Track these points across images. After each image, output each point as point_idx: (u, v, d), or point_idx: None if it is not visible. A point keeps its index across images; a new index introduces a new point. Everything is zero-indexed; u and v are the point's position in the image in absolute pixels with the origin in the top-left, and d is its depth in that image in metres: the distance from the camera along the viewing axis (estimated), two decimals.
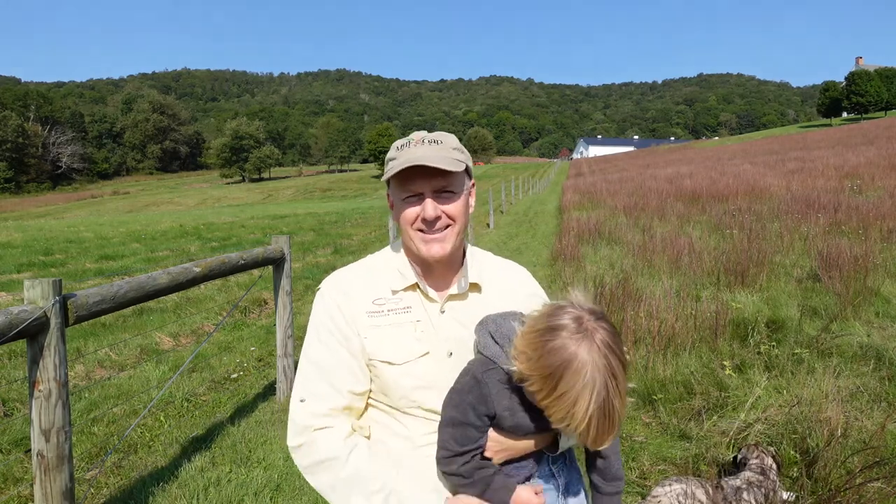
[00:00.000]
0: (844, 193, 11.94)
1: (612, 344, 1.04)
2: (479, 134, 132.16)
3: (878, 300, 5.30)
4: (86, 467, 3.35)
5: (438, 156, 1.18)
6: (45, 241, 15.71)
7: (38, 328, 2.12)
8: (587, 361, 1.01)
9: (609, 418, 1.02)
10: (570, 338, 1.03)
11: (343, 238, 15.31)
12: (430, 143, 1.21)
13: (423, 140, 1.23)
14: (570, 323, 1.04)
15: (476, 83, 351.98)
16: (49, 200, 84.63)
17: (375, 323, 1.24)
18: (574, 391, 1.00)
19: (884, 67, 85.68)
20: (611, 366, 1.02)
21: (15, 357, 5.39)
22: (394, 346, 1.22)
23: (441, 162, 1.17)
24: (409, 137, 1.25)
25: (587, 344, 1.02)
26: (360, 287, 1.28)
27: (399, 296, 1.27)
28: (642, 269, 7.27)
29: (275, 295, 4.37)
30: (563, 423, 1.03)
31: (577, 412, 1.00)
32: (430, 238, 1.22)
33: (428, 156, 1.18)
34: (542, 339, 1.04)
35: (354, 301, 1.26)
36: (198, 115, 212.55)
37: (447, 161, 1.18)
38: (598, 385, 1.00)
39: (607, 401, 1.01)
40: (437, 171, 1.18)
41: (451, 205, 1.22)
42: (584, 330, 1.04)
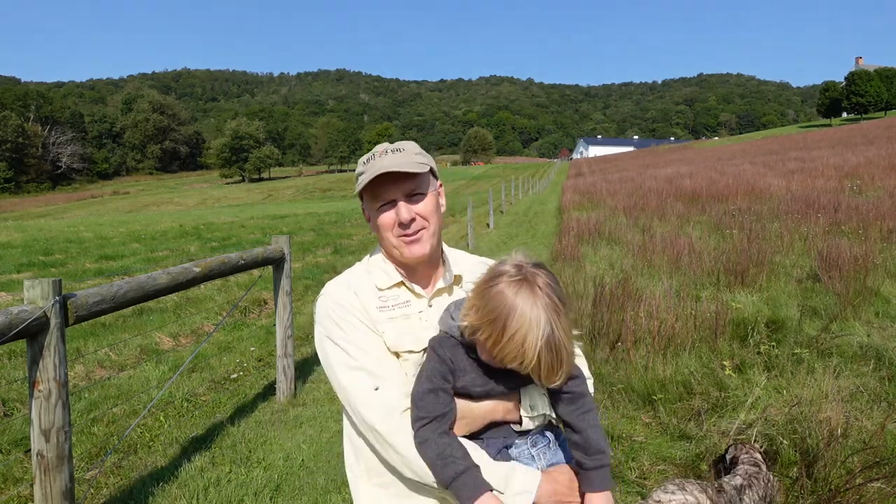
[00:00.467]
0: (844, 193, 11.94)
1: (552, 284, 1.13)
2: (479, 134, 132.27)
3: (878, 300, 5.30)
4: (86, 467, 3.35)
5: (402, 161, 1.27)
6: (44, 242, 15.71)
7: (38, 328, 2.12)
8: (530, 301, 1.09)
9: (556, 353, 1.09)
10: (512, 282, 1.11)
11: (343, 238, 15.31)
12: (393, 153, 1.29)
13: (386, 151, 1.31)
14: (511, 269, 1.14)
15: (476, 83, 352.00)
16: (49, 200, 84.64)
17: (387, 316, 1.30)
18: (522, 329, 1.08)
19: (883, 67, 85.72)
20: (553, 304, 1.10)
21: (15, 357, 5.39)
22: (409, 336, 1.29)
23: (406, 166, 1.25)
24: (372, 151, 1.33)
25: (528, 285, 1.11)
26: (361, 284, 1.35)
27: (393, 292, 1.33)
28: (642, 269, 7.27)
29: (275, 295, 4.37)
30: (516, 363, 1.09)
31: (527, 349, 1.07)
32: (410, 240, 1.30)
33: (394, 163, 1.26)
34: (486, 287, 1.13)
35: (363, 298, 1.32)
36: (198, 115, 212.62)
37: (411, 165, 1.27)
38: (542, 321, 1.08)
39: (553, 335, 1.08)
40: (404, 175, 1.26)
41: (422, 205, 1.31)
42: (523, 274, 1.12)
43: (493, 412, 1.22)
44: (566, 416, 1.23)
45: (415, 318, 1.31)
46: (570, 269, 7.75)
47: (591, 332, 4.71)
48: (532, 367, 1.09)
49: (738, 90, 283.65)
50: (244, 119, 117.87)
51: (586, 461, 1.21)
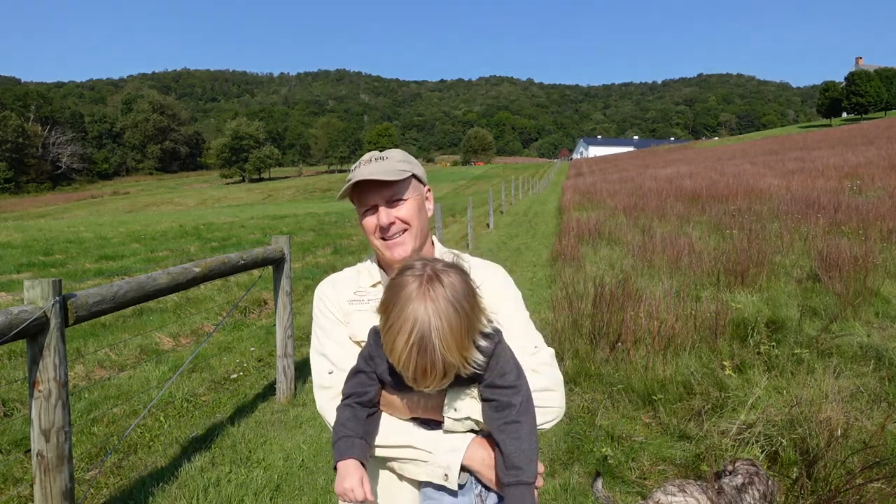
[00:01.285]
0: (844, 194, 11.94)
1: (457, 286, 1.08)
2: (479, 134, 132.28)
3: (878, 300, 5.30)
4: (86, 467, 3.35)
5: (382, 169, 1.33)
6: (44, 242, 15.71)
7: (37, 328, 2.12)
8: (413, 297, 1.06)
9: (428, 357, 1.03)
10: (410, 276, 1.09)
11: (343, 238, 15.31)
12: (377, 161, 1.36)
13: (371, 159, 1.38)
14: (417, 264, 1.12)
15: (476, 83, 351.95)
16: (49, 200, 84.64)
17: (356, 308, 1.39)
18: (398, 323, 1.05)
19: (883, 68, 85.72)
20: (440, 307, 1.04)
21: (15, 357, 5.39)
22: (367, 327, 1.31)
23: (384, 174, 1.32)
24: (360, 160, 1.41)
25: (420, 282, 1.07)
26: (343, 284, 1.46)
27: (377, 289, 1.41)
28: (642, 269, 7.27)
29: (275, 295, 4.37)
30: (390, 356, 1.08)
31: (398, 344, 1.05)
32: (391, 243, 1.38)
33: (374, 171, 1.33)
34: (393, 278, 1.12)
35: (340, 293, 1.43)
36: (198, 116, 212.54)
37: (391, 173, 1.33)
38: (419, 320, 1.04)
39: (427, 338, 1.03)
40: (384, 182, 1.34)
41: (402, 210, 1.37)
42: (424, 271, 1.09)
43: (414, 406, 1.22)
44: (489, 424, 1.17)
45: None
46: (570, 269, 7.76)
47: (592, 332, 4.71)
48: (402, 365, 1.06)
49: (738, 90, 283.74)
50: (244, 119, 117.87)
51: (502, 476, 1.15)
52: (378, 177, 1.31)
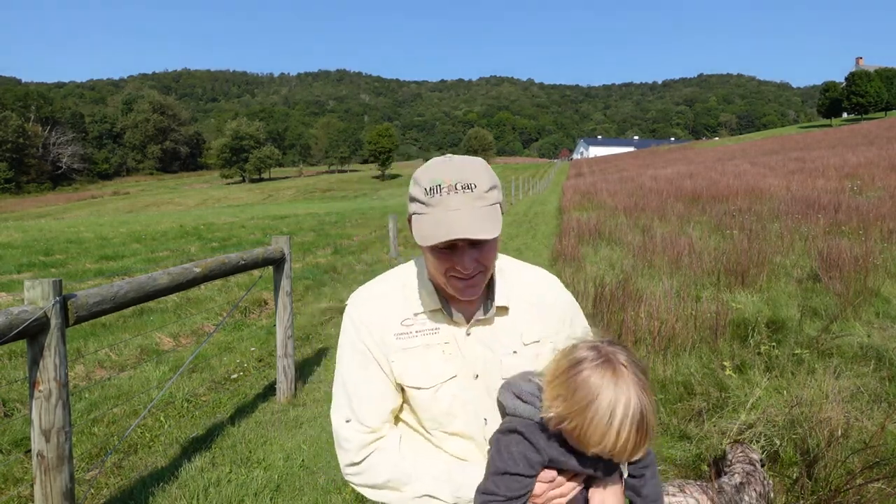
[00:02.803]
0: (845, 194, 11.93)
1: (632, 359, 1.10)
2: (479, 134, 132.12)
3: (879, 300, 5.30)
4: (86, 467, 3.35)
5: (479, 213, 1.08)
6: (45, 242, 15.72)
7: (38, 328, 2.12)
8: (617, 383, 1.06)
9: (643, 431, 1.06)
10: (594, 366, 1.08)
11: (343, 238, 15.31)
12: (464, 190, 1.08)
13: (455, 186, 1.08)
14: (590, 353, 1.10)
15: (476, 83, 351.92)
16: (49, 201, 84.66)
17: (403, 345, 1.21)
18: (604, 414, 1.05)
19: (884, 68, 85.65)
20: (638, 380, 1.07)
21: (15, 357, 5.39)
22: (422, 370, 1.21)
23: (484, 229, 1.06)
24: (436, 179, 1.09)
25: (611, 367, 1.07)
26: (388, 307, 1.23)
27: (425, 316, 1.23)
28: (642, 269, 7.27)
29: (275, 295, 4.37)
30: (601, 447, 1.06)
31: (611, 433, 1.04)
32: (465, 285, 1.15)
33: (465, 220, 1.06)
34: (569, 376, 1.09)
35: (383, 321, 1.22)
36: (198, 116, 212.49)
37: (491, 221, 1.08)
38: (632, 402, 1.05)
39: (643, 415, 1.06)
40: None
41: (488, 251, 1.14)
42: (604, 356, 1.09)
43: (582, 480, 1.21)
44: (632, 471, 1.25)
45: (437, 348, 1.21)
46: (570, 269, 7.75)
47: None
48: (619, 448, 1.05)
49: (738, 90, 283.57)
50: (244, 119, 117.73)
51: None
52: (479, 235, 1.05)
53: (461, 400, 1.21)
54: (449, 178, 1.09)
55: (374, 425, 1.22)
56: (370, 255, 11.99)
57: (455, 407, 1.21)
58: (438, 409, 1.21)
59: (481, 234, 1.06)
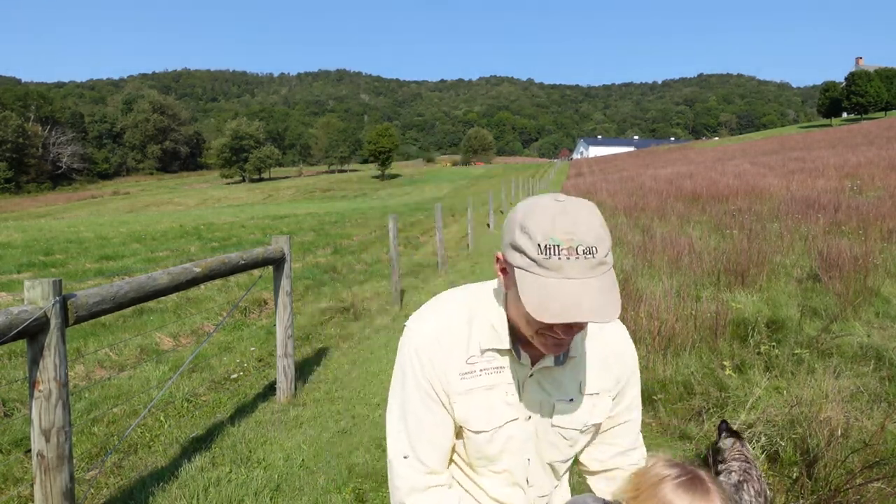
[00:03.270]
0: (844, 193, 11.94)
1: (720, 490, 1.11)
2: (479, 134, 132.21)
3: (879, 300, 5.30)
4: (86, 467, 3.35)
5: (603, 285, 0.96)
6: (45, 242, 15.71)
7: (38, 328, 2.12)
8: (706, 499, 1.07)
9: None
10: (680, 484, 1.08)
11: (343, 238, 15.31)
12: (585, 256, 0.95)
13: (576, 249, 0.95)
14: (671, 471, 1.10)
15: (476, 83, 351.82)
16: (49, 200, 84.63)
17: (467, 386, 1.15)
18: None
19: (884, 68, 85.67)
20: (722, 494, 1.09)
21: (15, 357, 5.39)
22: (484, 413, 1.17)
23: (609, 311, 0.94)
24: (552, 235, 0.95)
25: (698, 482, 1.09)
26: (455, 343, 1.15)
27: (491, 354, 1.16)
28: (642, 269, 7.27)
29: (275, 295, 4.37)
30: None
31: None
32: (554, 343, 1.05)
33: (592, 295, 0.94)
34: (652, 496, 1.09)
35: (448, 360, 1.14)
36: (198, 116, 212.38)
37: (614, 297, 0.96)
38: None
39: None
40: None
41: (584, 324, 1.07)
42: (688, 472, 1.10)
43: None
44: None
45: (501, 389, 1.16)
46: None
47: None
48: None
49: (738, 90, 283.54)
50: (244, 119, 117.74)
51: None
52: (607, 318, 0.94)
53: (514, 441, 1.20)
54: (567, 236, 0.96)
55: (433, 466, 1.19)
56: (370, 255, 11.99)
57: (507, 448, 1.20)
58: (492, 450, 1.19)
59: (608, 317, 0.94)
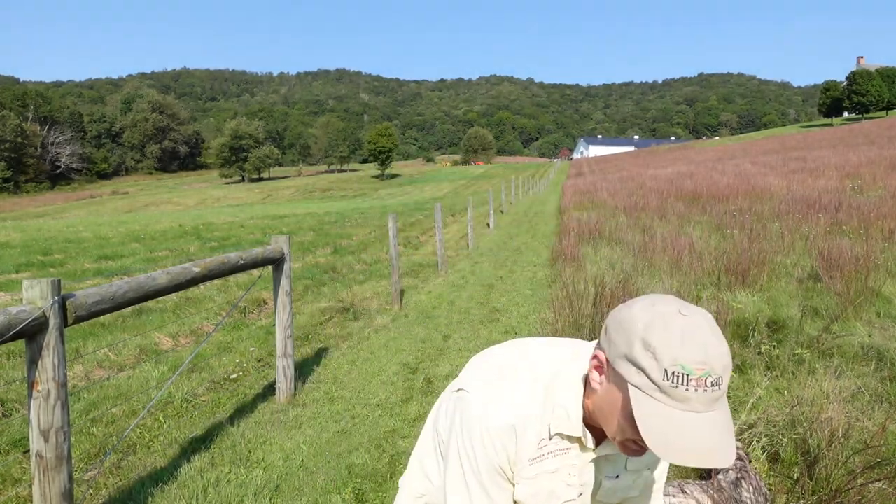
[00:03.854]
0: (845, 193, 11.93)
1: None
2: (479, 134, 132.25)
3: (880, 300, 5.29)
4: (85, 468, 3.34)
5: (726, 422, 0.93)
6: (43, 241, 15.70)
7: (36, 328, 2.11)
8: None
9: None
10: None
11: (343, 238, 15.31)
12: (712, 388, 0.91)
13: (705, 381, 0.91)
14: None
15: (476, 83, 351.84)
16: (48, 200, 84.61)
17: (535, 471, 1.13)
18: None
19: (885, 67, 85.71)
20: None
21: (14, 357, 5.38)
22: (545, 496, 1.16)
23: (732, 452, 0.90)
24: (683, 362, 0.91)
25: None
26: (529, 429, 1.12)
27: (560, 437, 1.14)
28: (643, 269, 7.26)
29: (274, 295, 4.36)
30: None
31: None
32: (637, 450, 1.04)
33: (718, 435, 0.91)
34: None
35: (521, 446, 1.12)
36: (197, 115, 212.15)
37: (732, 433, 0.93)
38: None
39: None
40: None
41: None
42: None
43: None
44: None
45: (564, 472, 1.16)
46: (570, 268, 7.75)
47: (592, 332, 4.70)
48: None
49: (738, 90, 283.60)
50: (244, 119, 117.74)
51: None
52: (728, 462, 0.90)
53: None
54: (698, 365, 0.91)
55: None
56: (370, 255, 11.98)
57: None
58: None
59: (728, 462, 0.89)
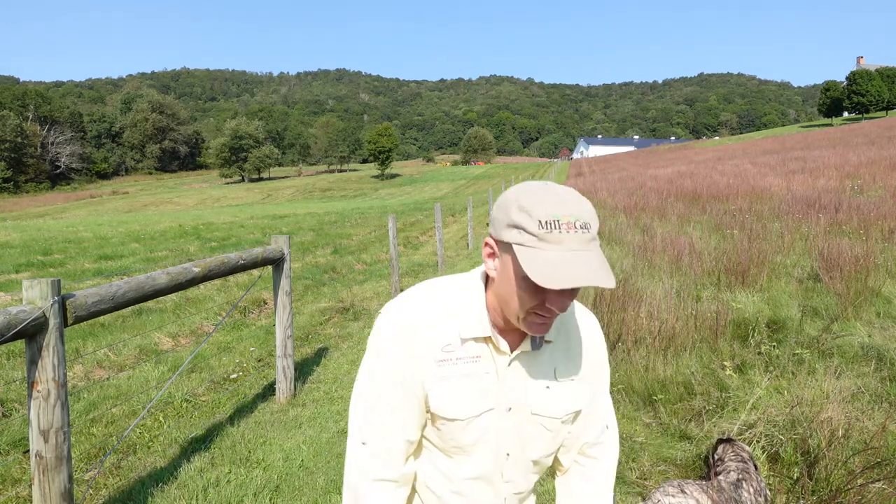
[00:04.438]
0: (845, 193, 11.93)
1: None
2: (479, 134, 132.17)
3: (880, 300, 5.29)
4: (84, 468, 3.34)
5: (599, 256, 1.02)
6: (43, 241, 15.70)
7: (36, 328, 2.11)
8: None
9: None
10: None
11: (343, 238, 15.31)
12: (581, 230, 1.02)
13: (573, 224, 1.01)
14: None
15: (476, 83, 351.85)
16: (48, 200, 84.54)
17: (443, 374, 1.14)
18: None
19: (885, 67, 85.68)
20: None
21: (14, 357, 5.38)
22: (459, 401, 1.15)
23: (608, 278, 0.99)
24: (552, 213, 1.02)
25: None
26: (432, 328, 1.15)
27: (470, 343, 1.16)
28: (642, 269, 7.26)
29: (274, 295, 4.36)
30: None
31: None
32: (540, 322, 1.09)
33: (592, 264, 1.00)
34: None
35: (424, 345, 1.14)
36: (197, 115, 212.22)
37: (608, 268, 1.02)
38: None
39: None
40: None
41: (574, 294, 1.09)
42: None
43: None
44: None
45: (477, 378, 1.16)
46: None
47: None
48: None
49: (738, 90, 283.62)
50: (244, 119, 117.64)
51: None
52: (600, 283, 0.97)
53: (491, 431, 1.19)
54: (566, 213, 1.02)
55: (391, 458, 1.17)
56: (370, 255, 11.98)
57: (484, 438, 1.18)
58: (466, 440, 1.18)
59: (610, 283, 0.99)
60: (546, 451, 1.25)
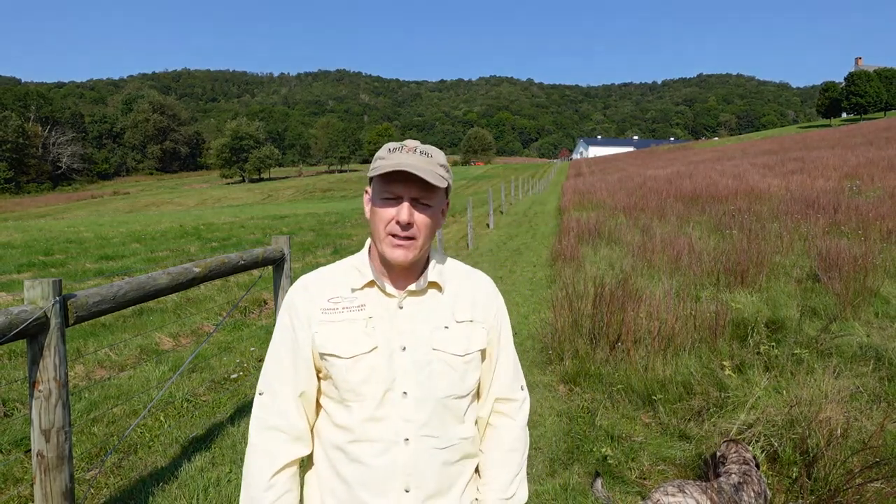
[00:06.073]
0: (844, 194, 11.94)
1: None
2: (478, 134, 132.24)
3: (878, 300, 5.30)
4: (86, 467, 3.35)
5: (427, 168, 1.23)
6: (45, 242, 15.71)
7: (38, 328, 2.12)
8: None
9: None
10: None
11: (343, 238, 15.32)
12: (420, 154, 1.26)
13: (415, 149, 1.27)
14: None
15: (476, 83, 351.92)
16: (49, 201, 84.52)
17: (328, 318, 1.30)
18: None
19: (883, 68, 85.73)
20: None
21: (15, 357, 5.39)
22: (341, 340, 1.28)
23: (428, 175, 1.22)
24: (402, 143, 1.29)
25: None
26: (320, 286, 1.34)
27: (356, 294, 1.32)
28: (642, 269, 7.27)
29: (274, 295, 4.37)
30: None
31: None
32: (398, 243, 1.26)
33: (417, 166, 1.22)
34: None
35: (312, 299, 1.32)
36: (198, 116, 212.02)
37: (434, 175, 1.23)
38: None
39: None
40: (421, 181, 1.24)
41: (425, 216, 1.27)
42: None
43: None
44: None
45: (359, 322, 1.29)
46: (569, 269, 7.75)
47: (591, 332, 4.71)
48: None
49: (737, 90, 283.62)
50: (244, 119, 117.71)
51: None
52: (423, 175, 1.20)
53: (379, 370, 1.27)
54: (412, 144, 1.28)
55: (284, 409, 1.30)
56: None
57: (373, 377, 1.27)
58: (355, 378, 1.27)
59: (426, 176, 1.21)
60: (453, 391, 1.32)
